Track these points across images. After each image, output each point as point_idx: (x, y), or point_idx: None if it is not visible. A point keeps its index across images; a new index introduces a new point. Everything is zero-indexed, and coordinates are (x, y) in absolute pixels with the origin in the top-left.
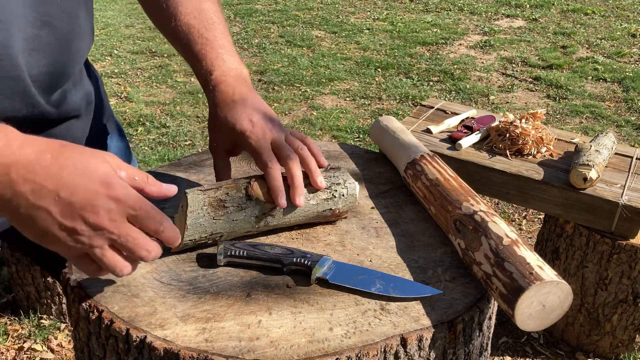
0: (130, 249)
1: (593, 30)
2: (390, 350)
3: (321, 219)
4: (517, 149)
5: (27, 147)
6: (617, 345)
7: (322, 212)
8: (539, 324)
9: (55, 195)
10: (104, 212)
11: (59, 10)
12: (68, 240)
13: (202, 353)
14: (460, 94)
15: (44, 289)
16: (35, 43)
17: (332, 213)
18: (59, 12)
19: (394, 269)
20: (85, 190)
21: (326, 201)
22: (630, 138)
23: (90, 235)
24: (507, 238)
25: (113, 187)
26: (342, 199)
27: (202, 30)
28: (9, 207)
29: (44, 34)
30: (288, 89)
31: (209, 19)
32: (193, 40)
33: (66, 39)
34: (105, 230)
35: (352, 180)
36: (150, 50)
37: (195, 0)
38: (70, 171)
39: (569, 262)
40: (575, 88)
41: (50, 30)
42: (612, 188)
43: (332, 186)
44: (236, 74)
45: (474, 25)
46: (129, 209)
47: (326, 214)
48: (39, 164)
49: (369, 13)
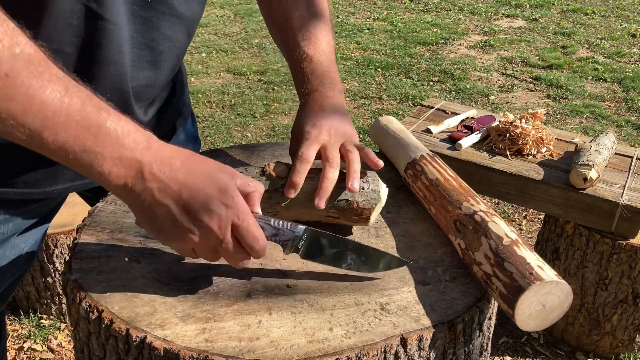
0: (227, 256)
1: (593, 30)
2: (390, 350)
3: (341, 214)
4: (517, 149)
5: (163, 150)
6: (617, 345)
7: (339, 202)
8: (539, 324)
9: (178, 195)
10: (216, 217)
11: (162, 36)
12: (180, 238)
13: (202, 353)
14: (460, 94)
15: (44, 289)
16: (137, 61)
17: (350, 206)
18: (162, 38)
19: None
20: (204, 194)
21: (342, 189)
22: (630, 138)
23: (199, 236)
24: (507, 238)
25: (227, 196)
26: (361, 192)
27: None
28: (136, 200)
29: (146, 54)
30: (288, 89)
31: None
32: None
33: (163, 58)
34: (213, 233)
35: (380, 181)
36: None
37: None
38: (194, 176)
39: (569, 262)
40: (575, 88)
41: (152, 51)
42: (612, 188)
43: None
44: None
45: (474, 25)
46: (235, 217)
47: (344, 206)
48: (169, 167)
49: (369, 13)
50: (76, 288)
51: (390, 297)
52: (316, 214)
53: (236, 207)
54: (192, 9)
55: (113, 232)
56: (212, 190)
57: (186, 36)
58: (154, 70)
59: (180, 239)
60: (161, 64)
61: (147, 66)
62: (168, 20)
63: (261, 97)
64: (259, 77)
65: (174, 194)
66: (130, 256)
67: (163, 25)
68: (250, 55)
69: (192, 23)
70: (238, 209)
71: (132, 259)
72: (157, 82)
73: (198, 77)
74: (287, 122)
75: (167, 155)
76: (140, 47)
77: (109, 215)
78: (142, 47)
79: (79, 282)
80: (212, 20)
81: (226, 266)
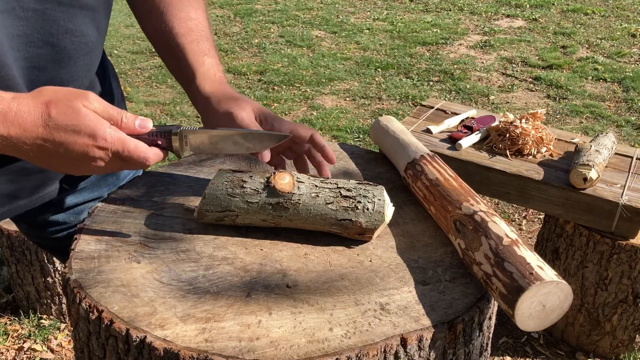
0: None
1: (593, 30)
2: (390, 351)
3: (343, 230)
4: (517, 149)
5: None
6: (617, 345)
7: (341, 222)
8: (539, 324)
9: (56, 152)
10: (99, 160)
11: (62, 30)
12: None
13: (202, 353)
14: (460, 94)
15: (44, 289)
16: (36, 61)
17: (353, 225)
18: (62, 32)
19: (394, 269)
20: (79, 147)
21: (346, 210)
22: (630, 138)
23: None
24: (507, 238)
25: (99, 138)
26: (365, 213)
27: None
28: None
29: (45, 52)
30: (288, 89)
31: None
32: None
33: (70, 56)
34: (105, 169)
35: (385, 198)
36: (150, 50)
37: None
38: (62, 132)
39: (569, 262)
40: (575, 88)
41: (52, 48)
42: (612, 188)
43: (357, 197)
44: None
45: (474, 25)
46: (116, 152)
47: (347, 225)
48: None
49: (369, 13)
50: (76, 288)
51: (390, 297)
52: (319, 227)
53: (112, 143)
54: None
55: (113, 232)
56: (84, 139)
57: (93, 29)
58: (59, 70)
59: (85, 171)
60: (69, 63)
61: (51, 66)
62: (66, 12)
63: (261, 97)
64: (259, 77)
65: (53, 152)
66: (130, 256)
67: (61, 17)
68: (250, 55)
69: (98, 14)
70: (114, 144)
71: (132, 259)
72: (71, 84)
73: None
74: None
75: (28, 121)
76: (37, 46)
77: (109, 215)
78: (39, 46)
79: (79, 282)
80: (212, 20)
81: (226, 266)
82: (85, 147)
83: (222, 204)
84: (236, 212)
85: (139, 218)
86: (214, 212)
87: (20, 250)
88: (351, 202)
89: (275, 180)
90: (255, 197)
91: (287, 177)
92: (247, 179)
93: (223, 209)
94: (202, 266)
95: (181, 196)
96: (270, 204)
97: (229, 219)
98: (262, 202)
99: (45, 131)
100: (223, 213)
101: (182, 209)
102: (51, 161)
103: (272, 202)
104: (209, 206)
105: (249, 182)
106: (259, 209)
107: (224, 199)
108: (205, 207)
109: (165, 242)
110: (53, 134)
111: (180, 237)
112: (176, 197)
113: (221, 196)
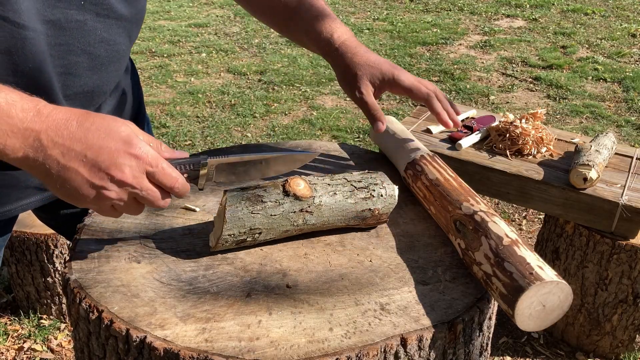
0: (149, 203)
1: (593, 30)
2: (390, 351)
3: (361, 222)
4: (517, 149)
5: (55, 114)
6: (617, 345)
7: (361, 213)
8: (539, 324)
9: (83, 156)
10: (127, 169)
11: (98, 39)
12: (97, 197)
13: (202, 353)
14: (460, 94)
15: (44, 289)
16: (73, 68)
17: (372, 214)
18: (98, 41)
19: (394, 269)
20: (109, 150)
21: (364, 200)
22: (630, 138)
23: (115, 191)
24: (507, 238)
25: (133, 146)
26: (380, 199)
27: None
28: (42, 170)
29: (81, 60)
30: (288, 89)
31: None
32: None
33: (103, 63)
34: (128, 185)
35: (391, 182)
36: (150, 50)
37: None
38: (94, 134)
39: (569, 262)
40: (575, 88)
41: (88, 57)
42: (612, 188)
43: (369, 186)
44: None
45: (474, 25)
46: (147, 165)
47: (365, 215)
48: (67, 129)
49: (369, 13)
50: (76, 288)
51: (390, 297)
52: (338, 224)
53: (145, 155)
54: (132, 9)
55: (113, 232)
56: (117, 144)
57: (126, 38)
58: (92, 76)
59: (97, 198)
60: (101, 69)
61: (85, 72)
62: (104, 22)
63: (261, 97)
64: (259, 77)
65: (78, 155)
66: (130, 256)
67: (99, 27)
68: (250, 55)
69: (131, 24)
70: (148, 156)
71: (132, 259)
72: (101, 88)
73: (198, 77)
74: (287, 122)
75: (61, 118)
76: (75, 54)
77: None
78: (77, 54)
79: (79, 282)
80: (212, 20)
81: (226, 266)
82: (116, 153)
83: (246, 224)
84: (260, 229)
85: (139, 218)
86: (237, 235)
87: (20, 250)
88: (366, 192)
89: (292, 188)
90: (277, 209)
91: (301, 182)
92: (262, 193)
93: (247, 229)
94: (202, 266)
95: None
96: (294, 211)
97: (251, 239)
98: (285, 212)
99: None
100: (246, 234)
101: (182, 209)
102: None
103: (295, 209)
104: (233, 230)
105: (266, 195)
106: (283, 219)
107: (247, 218)
108: (228, 232)
109: (165, 242)
110: (87, 134)
111: (180, 237)
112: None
113: (244, 217)
